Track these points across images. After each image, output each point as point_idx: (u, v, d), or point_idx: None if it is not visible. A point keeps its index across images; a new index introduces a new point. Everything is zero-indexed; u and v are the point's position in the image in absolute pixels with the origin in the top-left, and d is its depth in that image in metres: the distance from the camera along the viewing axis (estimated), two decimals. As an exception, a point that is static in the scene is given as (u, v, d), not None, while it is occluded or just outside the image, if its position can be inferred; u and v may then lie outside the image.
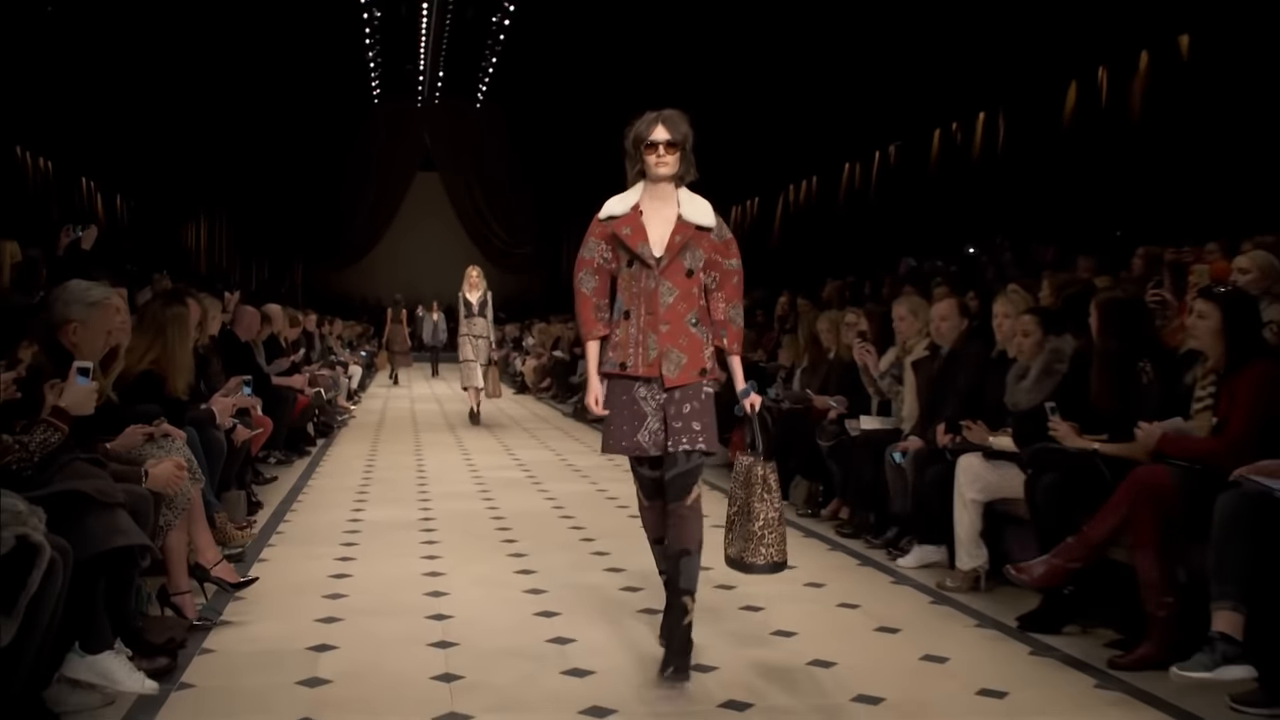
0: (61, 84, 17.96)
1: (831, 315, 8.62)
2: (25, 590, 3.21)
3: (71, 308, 4.68)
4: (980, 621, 5.16)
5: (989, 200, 15.51)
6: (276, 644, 4.75)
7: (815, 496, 7.90)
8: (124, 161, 22.62)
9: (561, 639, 4.85)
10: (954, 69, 15.76)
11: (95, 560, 3.81)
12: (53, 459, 3.94)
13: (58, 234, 7.62)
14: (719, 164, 25.67)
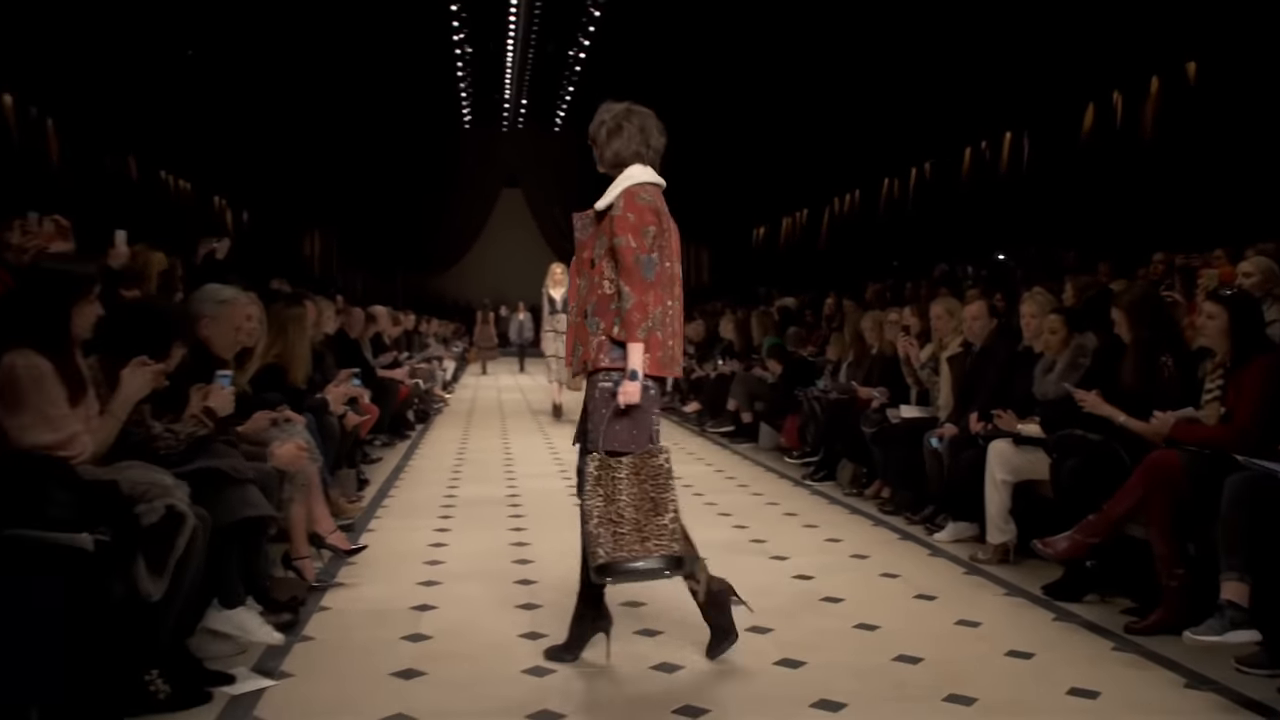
0: (198, 116, 18.34)
1: (874, 314, 8.57)
2: (173, 552, 3.29)
3: (203, 305, 4.80)
4: (1008, 590, 5.11)
5: (1015, 211, 15.33)
6: (383, 603, 4.83)
7: (860, 478, 7.86)
8: (250, 181, 23.04)
9: (633, 602, 4.87)
10: (982, 93, 15.59)
11: (230, 528, 3.90)
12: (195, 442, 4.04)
13: (195, 245, 7.75)
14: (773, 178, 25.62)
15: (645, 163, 4.07)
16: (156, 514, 3.25)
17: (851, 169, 21.41)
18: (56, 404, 3.37)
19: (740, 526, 6.65)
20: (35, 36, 12.67)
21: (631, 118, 4.14)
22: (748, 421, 10.83)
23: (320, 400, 6.58)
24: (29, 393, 3.31)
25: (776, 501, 7.56)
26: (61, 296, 3.51)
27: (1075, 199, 13.86)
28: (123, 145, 17.07)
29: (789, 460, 9.25)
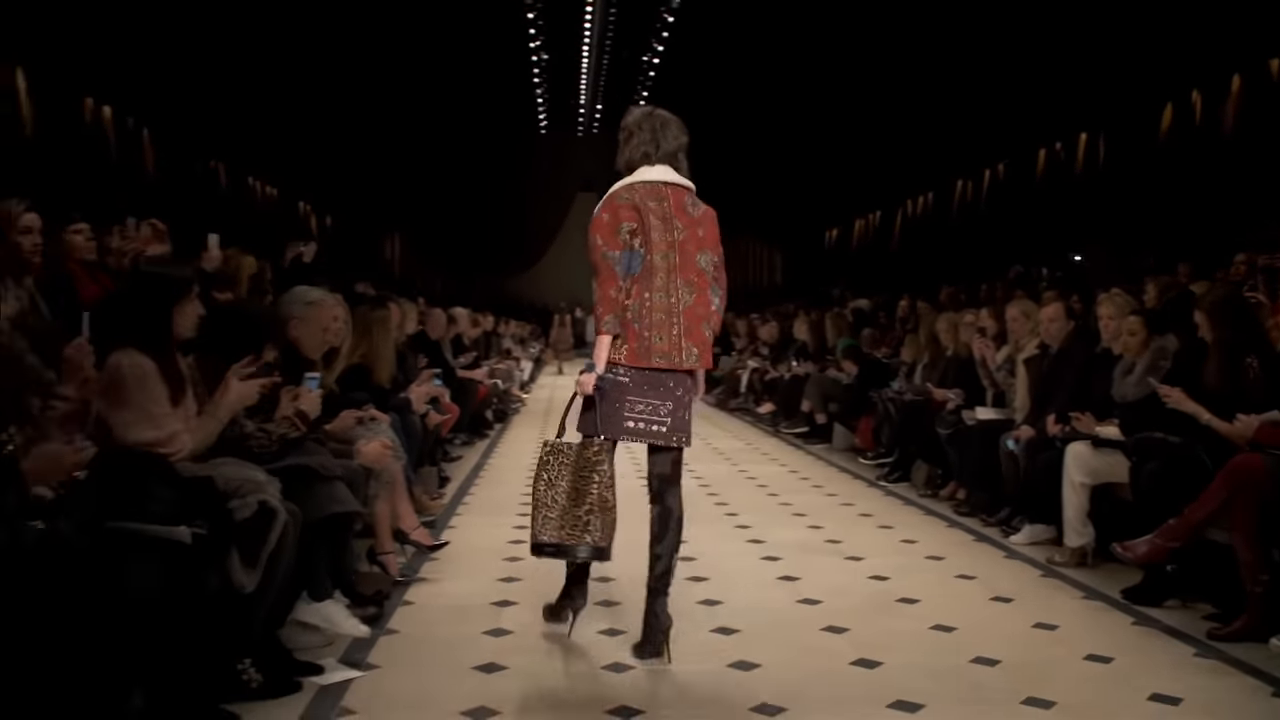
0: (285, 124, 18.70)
1: (949, 316, 8.47)
2: (265, 546, 3.36)
3: (292, 307, 4.89)
4: (1086, 594, 5.01)
5: (1091, 212, 15.02)
6: (465, 598, 4.88)
7: (934, 479, 7.76)
8: (332, 186, 23.43)
9: (710, 600, 4.87)
10: (1057, 93, 15.29)
11: (318, 524, 3.96)
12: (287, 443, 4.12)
13: (283, 249, 7.90)
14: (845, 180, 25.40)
15: (652, 163, 4.12)
16: (250, 509, 3.33)
17: (924, 171, 21.15)
18: (159, 402, 3.46)
19: (815, 527, 6.60)
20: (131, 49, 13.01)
21: (646, 122, 4.23)
22: (822, 422, 10.75)
23: (404, 400, 6.67)
24: (133, 391, 3.41)
25: (851, 502, 7.50)
26: (163, 298, 3.62)
27: (1153, 200, 13.54)
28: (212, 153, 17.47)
29: (863, 461, 9.18)
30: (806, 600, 4.88)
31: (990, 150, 18.56)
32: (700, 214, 4.12)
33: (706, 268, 4.06)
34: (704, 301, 4.05)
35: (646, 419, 4.08)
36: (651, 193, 4.05)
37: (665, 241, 3.99)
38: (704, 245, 4.08)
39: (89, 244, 5.13)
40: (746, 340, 16.27)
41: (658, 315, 3.97)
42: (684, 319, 4.01)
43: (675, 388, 4.10)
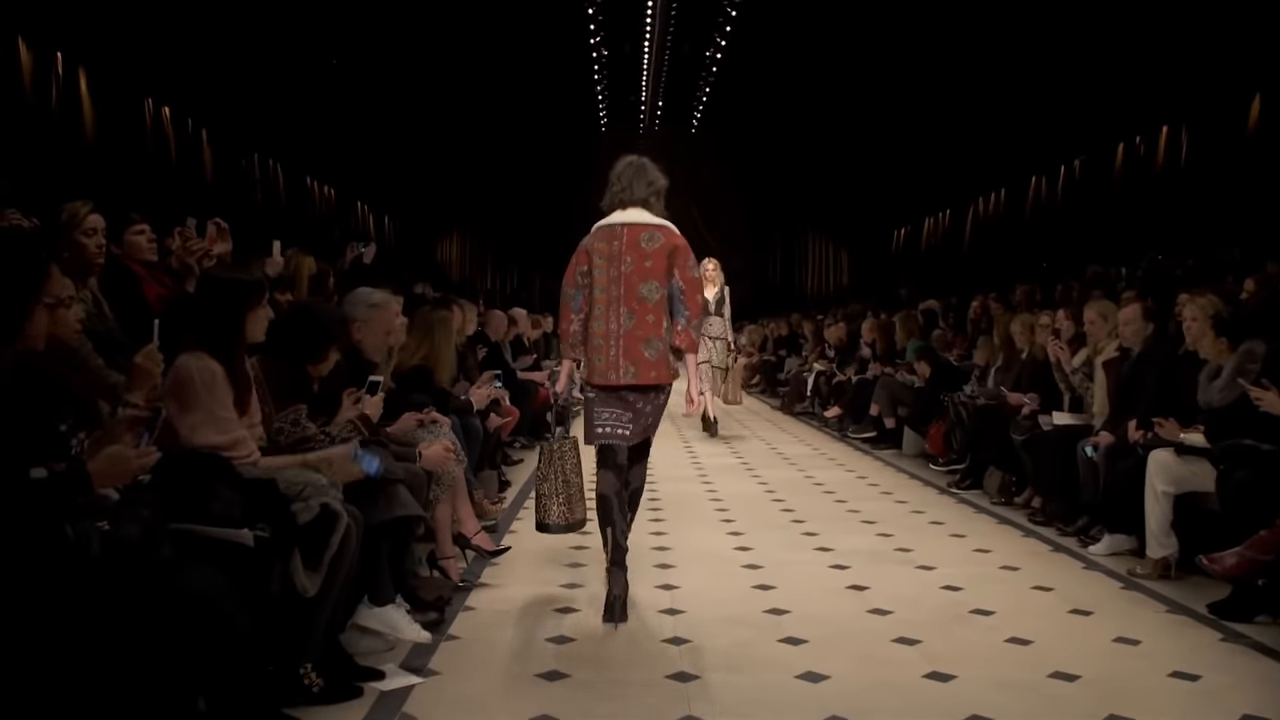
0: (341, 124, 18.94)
1: (1024, 317, 8.35)
2: (328, 549, 3.40)
3: (356, 309, 4.96)
4: (1170, 608, 4.91)
5: (1172, 210, 14.69)
6: (527, 604, 4.91)
7: (1009, 486, 7.66)
8: (391, 187, 23.71)
9: (777, 610, 4.84)
10: (1136, 84, 14.98)
11: (380, 527, 4.01)
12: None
13: (343, 250, 8.00)
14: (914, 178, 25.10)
15: (625, 208, 4.94)
16: (312, 513, 3.37)
17: (996, 168, 20.87)
18: (225, 407, 3.54)
19: (885, 535, 6.55)
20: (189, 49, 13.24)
21: (625, 171, 5.09)
22: (891, 427, 10.66)
23: (465, 402, 6.73)
24: (201, 394, 3.49)
25: (922, 510, 7.43)
26: (236, 303, 3.71)
27: (1239, 196, 13.21)
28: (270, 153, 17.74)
29: (934, 467, 9.09)
30: (876, 610, 4.84)
31: (1066, 145, 18.25)
32: (656, 248, 4.83)
33: (649, 296, 4.80)
34: (644, 325, 4.80)
35: (611, 426, 4.89)
36: (605, 235, 4.90)
37: (608, 277, 4.82)
38: (649, 276, 4.81)
39: (151, 245, 5.24)
40: (813, 342, 16.17)
41: (596, 340, 4.86)
42: (622, 342, 4.81)
43: (635, 401, 4.87)
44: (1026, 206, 20.60)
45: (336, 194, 21.52)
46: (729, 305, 12.09)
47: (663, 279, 4.84)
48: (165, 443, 3.14)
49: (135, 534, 2.83)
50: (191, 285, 5.36)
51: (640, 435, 4.94)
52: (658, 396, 4.93)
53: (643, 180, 5.04)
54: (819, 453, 10.54)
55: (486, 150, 28.28)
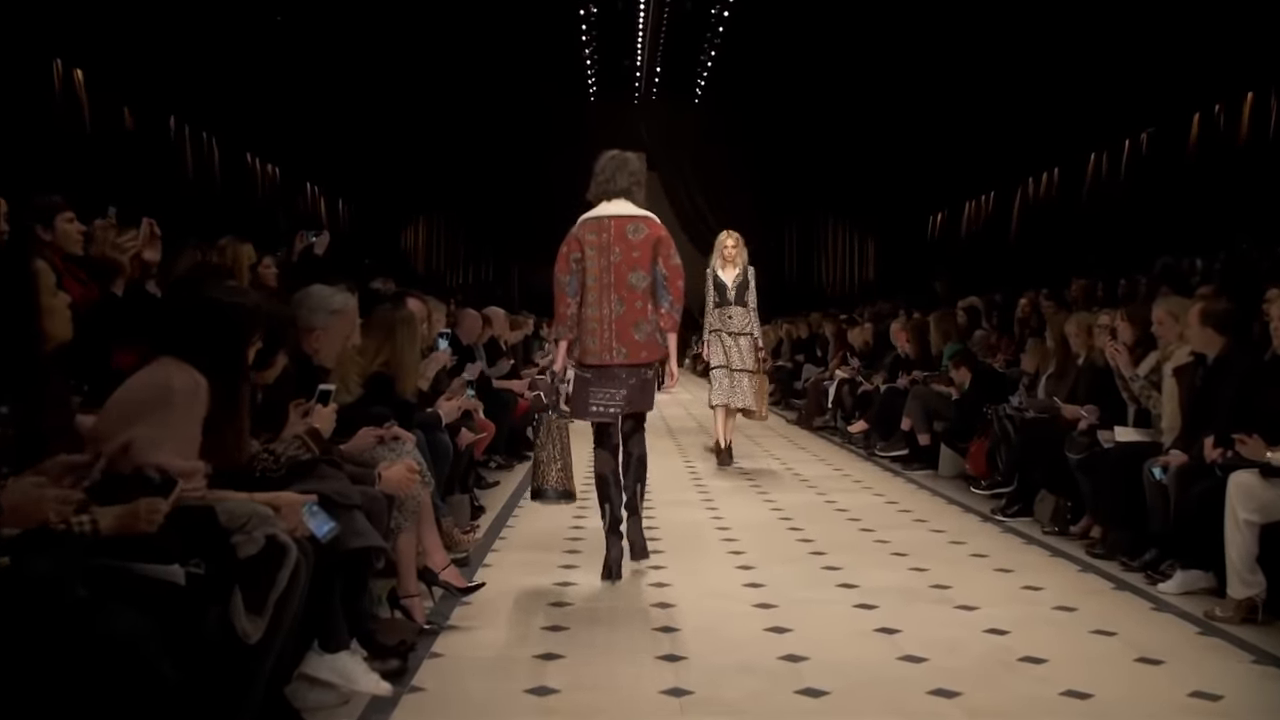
0: (288, 92, 18.88)
1: (1081, 317, 8.35)
2: (274, 588, 3.38)
3: (316, 315, 4.94)
4: (1257, 657, 4.90)
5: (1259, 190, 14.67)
6: (504, 650, 4.90)
7: (1063, 513, 7.65)
8: (347, 167, 23.66)
9: (794, 656, 4.83)
10: (1217, 41, 14.97)
11: (334, 562, 3.98)
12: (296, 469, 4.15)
13: (292, 239, 8.00)
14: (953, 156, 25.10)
15: (610, 199, 6.32)
16: (256, 545, 3.34)
17: (1049, 143, 20.87)
18: (195, 429, 3.57)
19: (918, 569, 6.54)
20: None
21: (608, 165, 6.43)
22: (925, 444, 10.67)
23: (432, 415, 6.71)
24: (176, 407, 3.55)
25: (961, 540, 7.43)
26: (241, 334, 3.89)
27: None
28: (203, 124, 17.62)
29: (975, 491, 9.09)
30: (909, 657, 4.83)
31: (1132, 116, 18.25)
32: (641, 239, 6.23)
33: (637, 284, 6.21)
34: (634, 309, 6.20)
35: (604, 404, 6.27)
36: (594, 227, 6.27)
37: (599, 266, 6.21)
38: (636, 265, 6.21)
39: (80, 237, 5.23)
40: (835, 346, 16.16)
41: (590, 324, 6.24)
42: (615, 326, 6.22)
43: (628, 379, 6.27)
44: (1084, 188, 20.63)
45: (282, 173, 21.47)
46: (754, 292, 10.94)
47: (648, 267, 6.23)
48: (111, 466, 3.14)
49: (45, 569, 2.80)
50: (121, 287, 5.35)
51: (631, 408, 6.34)
52: (646, 373, 6.34)
53: (624, 172, 6.39)
54: (842, 474, 10.54)
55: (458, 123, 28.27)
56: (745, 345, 10.82)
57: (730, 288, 10.76)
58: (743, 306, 10.80)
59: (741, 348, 10.81)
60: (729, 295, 10.78)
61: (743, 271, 10.83)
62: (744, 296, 10.80)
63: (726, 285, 10.80)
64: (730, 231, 11.05)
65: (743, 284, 10.80)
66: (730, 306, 10.78)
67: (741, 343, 10.82)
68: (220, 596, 3.25)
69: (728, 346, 10.81)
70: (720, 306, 10.85)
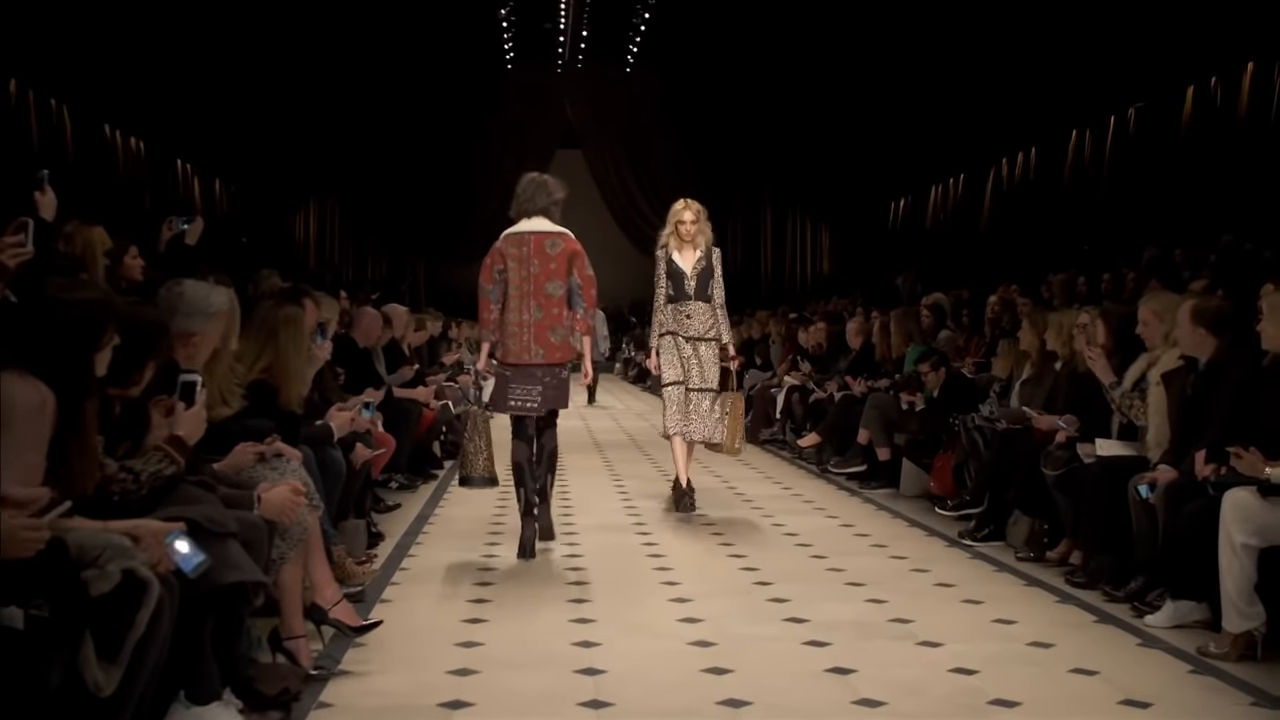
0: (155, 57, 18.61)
1: (1059, 316, 8.44)
2: (132, 631, 3.32)
3: (193, 319, 4.87)
4: (1256, 699, 4.96)
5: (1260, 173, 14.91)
6: (404, 698, 4.85)
7: (1039, 536, 7.72)
8: (224, 143, 23.36)
9: (735, 701, 4.83)
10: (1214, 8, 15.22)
11: (204, 598, 3.92)
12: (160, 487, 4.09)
13: (159, 225, 7.87)
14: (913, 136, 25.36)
15: (524, 216, 7.83)
16: (110, 581, 3.28)
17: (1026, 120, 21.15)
18: (39, 450, 3.47)
19: (876, 601, 6.57)
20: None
21: (529, 186, 7.90)
22: (885, 459, 10.73)
23: (322, 428, 6.64)
24: (15, 425, 3.43)
25: (925, 568, 7.48)
26: (90, 334, 3.76)
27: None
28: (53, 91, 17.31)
29: (941, 512, 9.14)
30: (865, 701, 4.84)
31: (1118, 90, 18.52)
32: (558, 252, 7.74)
33: (554, 293, 7.71)
34: (550, 316, 7.71)
35: (521, 399, 7.76)
36: (515, 241, 7.78)
37: (520, 276, 7.73)
38: (553, 276, 7.72)
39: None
40: (783, 349, 16.22)
41: (511, 328, 7.76)
42: (533, 330, 7.72)
43: (544, 377, 7.77)
44: (1065, 170, 20.90)
45: (148, 149, 21.17)
46: (721, 283, 9.61)
47: (564, 278, 7.73)
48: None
49: None
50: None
51: (546, 405, 7.83)
52: (561, 372, 7.83)
53: (543, 193, 7.86)
54: (791, 493, 10.57)
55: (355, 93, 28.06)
56: (708, 355, 9.42)
57: (689, 277, 9.42)
58: (705, 302, 9.44)
59: (703, 358, 9.41)
60: (687, 286, 9.42)
61: (706, 255, 9.47)
62: (707, 289, 9.46)
63: (684, 273, 9.44)
64: (689, 201, 9.62)
65: (705, 271, 9.46)
66: (689, 302, 9.41)
67: (703, 352, 9.42)
68: (67, 643, 3.19)
69: (685, 357, 9.41)
70: (675, 301, 9.48)
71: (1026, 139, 22.02)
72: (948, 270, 20.71)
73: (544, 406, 7.79)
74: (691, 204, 9.58)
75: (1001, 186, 23.59)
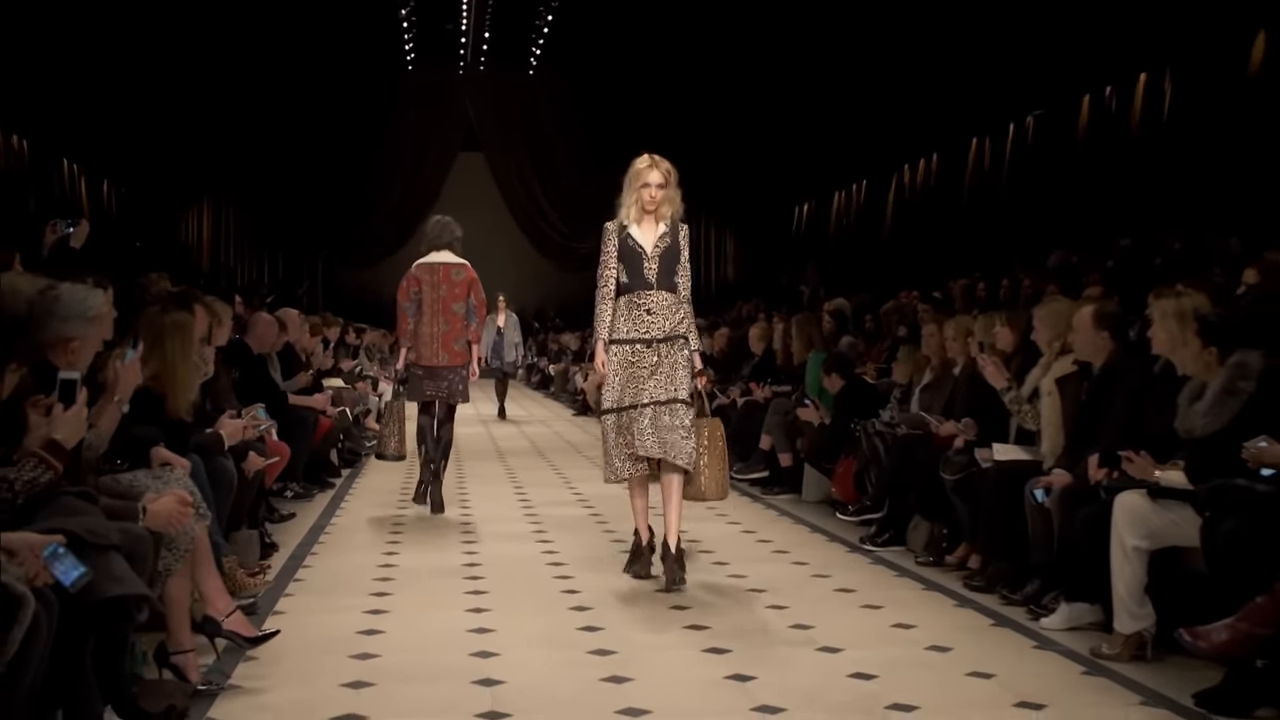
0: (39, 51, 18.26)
1: (960, 321, 8.54)
2: (4, 650, 3.25)
3: (71, 323, 4.77)
4: (1146, 698, 5.04)
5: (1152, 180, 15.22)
6: (295, 713, 4.79)
7: (938, 541, 7.80)
8: (112, 141, 22.94)
9: (634, 710, 4.82)
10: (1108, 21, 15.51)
11: (84, 613, 3.84)
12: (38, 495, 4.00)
13: (41, 229, 7.74)
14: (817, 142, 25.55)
15: (433, 250, 9.89)
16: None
17: (927, 127, 21.41)
18: None
19: (777, 607, 6.61)
20: None
21: (434, 226, 10.08)
22: (787, 465, 10.79)
23: (212, 436, 6.56)
24: None
25: (826, 573, 7.53)
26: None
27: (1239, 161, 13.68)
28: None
29: (842, 517, 9.19)
30: (765, 708, 4.86)
31: (1017, 98, 18.80)
32: (460, 280, 9.79)
33: (458, 311, 9.75)
34: (455, 328, 9.75)
35: (433, 392, 9.87)
36: (427, 270, 9.81)
37: (431, 298, 9.73)
38: (457, 298, 9.75)
39: None
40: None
41: (425, 338, 9.74)
42: (441, 339, 9.73)
43: (448, 374, 9.81)
44: (965, 177, 21.17)
45: (31, 147, 20.74)
46: (688, 267, 7.39)
47: (464, 300, 9.78)
48: None
49: None
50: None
51: (448, 395, 9.86)
52: (462, 371, 9.87)
53: (449, 231, 9.90)
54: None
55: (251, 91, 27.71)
56: (678, 358, 7.17)
57: (649, 258, 7.18)
58: (670, 292, 7.22)
59: (669, 361, 7.14)
60: (646, 271, 7.19)
61: (671, 230, 7.26)
62: (672, 274, 7.26)
63: (643, 252, 7.20)
64: (656, 158, 7.35)
65: (670, 251, 7.24)
66: (649, 292, 7.17)
67: (669, 355, 7.16)
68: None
69: (647, 365, 7.12)
70: (631, 292, 7.22)
71: (928, 146, 22.29)
72: (851, 275, 20.91)
73: (448, 396, 9.83)
74: (660, 161, 7.30)
75: (903, 193, 23.86)
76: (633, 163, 7.40)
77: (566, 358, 27.18)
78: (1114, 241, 13.24)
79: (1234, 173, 13.66)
